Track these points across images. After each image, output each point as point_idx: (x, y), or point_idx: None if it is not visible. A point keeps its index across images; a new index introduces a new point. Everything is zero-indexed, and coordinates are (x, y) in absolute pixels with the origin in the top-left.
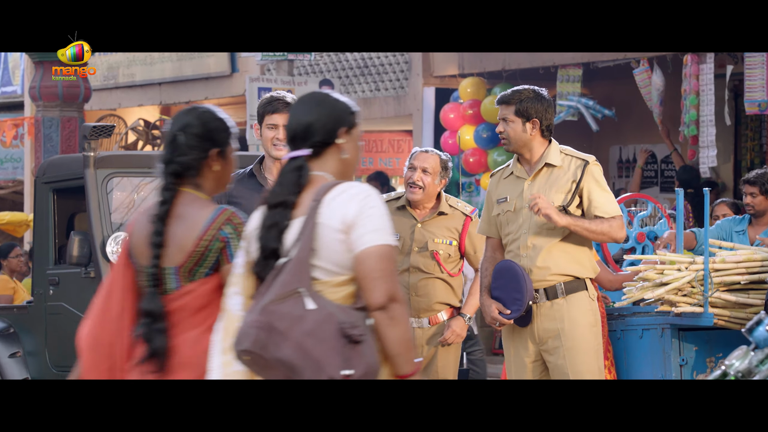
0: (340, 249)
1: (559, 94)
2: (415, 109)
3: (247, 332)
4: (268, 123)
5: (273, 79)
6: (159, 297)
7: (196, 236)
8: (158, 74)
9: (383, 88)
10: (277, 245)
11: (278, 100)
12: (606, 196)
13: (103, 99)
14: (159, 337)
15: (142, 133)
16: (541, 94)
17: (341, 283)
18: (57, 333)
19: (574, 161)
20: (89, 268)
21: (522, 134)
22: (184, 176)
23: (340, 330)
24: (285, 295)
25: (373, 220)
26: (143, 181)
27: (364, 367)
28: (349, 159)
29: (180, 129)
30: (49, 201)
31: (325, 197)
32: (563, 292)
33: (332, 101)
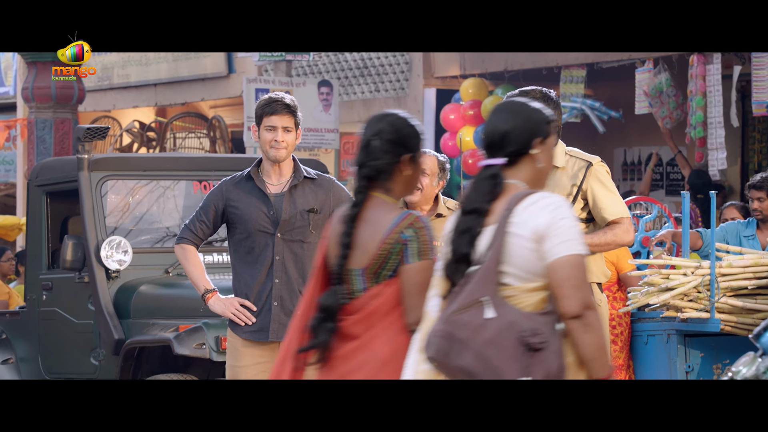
0: (531, 258)
1: (562, 95)
2: (416, 110)
3: (432, 341)
4: (267, 125)
5: (271, 80)
6: (339, 295)
7: (380, 239)
8: (154, 75)
9: (383, 89)
10: (469, 250)
11: (277, 101)
12: (612, 197)
13: (98, 100)
14: (325, 333)
15: (137, 135)
16: (549, 95)
17: (534, 289)
18: (50, 339)
19: (577, 163)
20: (83, 273)
21: None
22: (376, 180)
23: (520, 338)
24: (468, 305)
25: (564, 230)
26: (138, 184)
27: (543, 373)
28: (543, 168)
29: (374, 134)
30: (42, 204)
31: (517, 207)
32: None
33: (529, 111)
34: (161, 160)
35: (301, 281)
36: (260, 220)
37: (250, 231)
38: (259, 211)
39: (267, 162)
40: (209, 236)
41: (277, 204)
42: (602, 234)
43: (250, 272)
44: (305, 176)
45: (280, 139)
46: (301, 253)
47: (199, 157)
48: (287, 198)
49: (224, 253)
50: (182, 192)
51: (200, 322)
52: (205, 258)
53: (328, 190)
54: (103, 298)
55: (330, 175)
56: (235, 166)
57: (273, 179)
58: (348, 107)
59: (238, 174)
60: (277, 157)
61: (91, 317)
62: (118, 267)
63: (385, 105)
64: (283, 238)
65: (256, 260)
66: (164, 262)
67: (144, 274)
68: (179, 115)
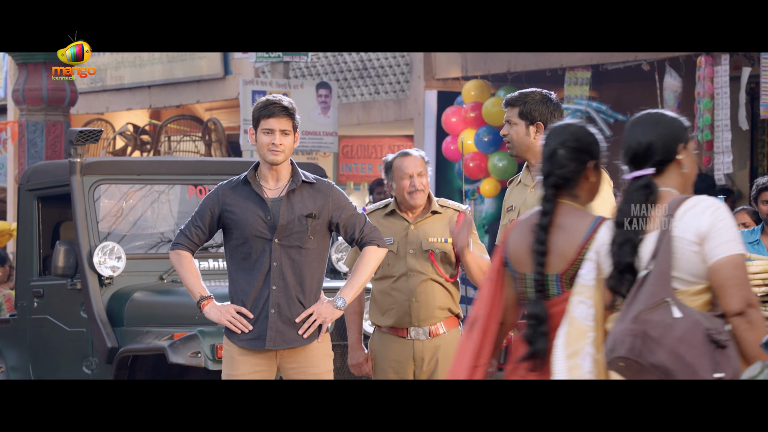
0: (695, 260)
1: (566, 97)
2: (417, 113)
3: (622, 340)
4: (264, 128)
5: (268, 82)
6: (543, 302)
7: (578, 245)
8: (148, 77)
9: (383, 91)
10: (632, 259)
11: (274, 104)
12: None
13: (90, 102)
14: (542, 339)
15: (131, 138)
16: (549, 97)
17: (698, 292)
18: (41, 347)
19: None
20: (75, 280)
21: (525, 138)
22: (563, 188)
23: (708, 336)
24: (654, 305)
25: (725, 231)
26: (132, 188)
27: (732, 370)
28: (688, 173)
29: (559, 144)
30: (33, 209)
31: (677, 211)
32: None
33: (669, 120)
34: (155, 163)
35: (299, 288)
36: (257, 226)
37: (246, 236)
38: (256, 216)
39: (264, 166)
40: (205, 242)
41: (275, 209)
42: None
43: (246, 279)
44: (303, 180)
45: (278, 142)
46: (299, 259)
47: (194, 161)
48: (285, 203)
49: (220, 259)
50: (177, 197)
51: (195, 330)
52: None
53: (327, 195)
54: (95, 305)
55: (329, 180)
56: (232, 170)
57: (270, 183)
58: (347, 109)
59: (235, 178)
60: (274, 161)
61: (83, 325)
62: (111, 273)
63: (385, 107)
64: (281, 243)
65: (252, 266)
66: (158, 268)
67: (138, 280)
68: (174, 117)
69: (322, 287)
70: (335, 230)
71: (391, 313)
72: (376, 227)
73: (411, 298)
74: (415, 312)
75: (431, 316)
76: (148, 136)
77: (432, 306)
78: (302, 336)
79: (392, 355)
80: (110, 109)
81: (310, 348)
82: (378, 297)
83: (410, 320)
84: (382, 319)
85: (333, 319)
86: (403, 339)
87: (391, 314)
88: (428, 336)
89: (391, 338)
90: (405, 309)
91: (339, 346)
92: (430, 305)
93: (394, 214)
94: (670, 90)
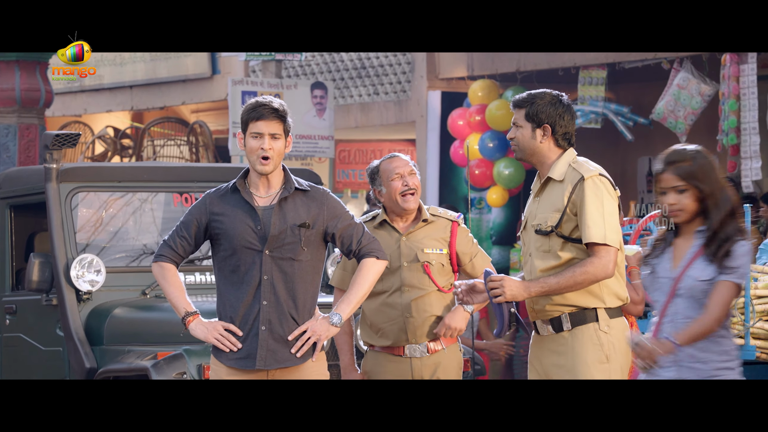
0: None
1: (580, 98)
2: (419, 115)
3: None
4: (253, 132)
5: (259, 82)
6: None
7: None
8: (129, 76)
9: (383, 91)
10: None
11: (264, 105)
12: (595, 218)
13: (67, 104)
14: None
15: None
16: (559, 98)
17: None
18: (14, 367)
19: (572, 175)
20: (51, 295)
21: (530, 141)
22: None
23: None
24: None
25: None
26: (112, 196)
27: None
28: None
29: None
30: (5, 219)
31: None
32: (568, 325)
33: None
34: (138, 170)
35: (292, 303)
36: (246, 236)
37: (235, 247)
38: (246, 226)
39: (254, 173)
40: (190, 254)
41: (266, 218)
42: (569, 272)
43: (235, 293)
44: (296, 188)
45: (267, 146)
46: (292, 272)
47: (179, 167)
48: (276, 211)
49: (207, 272)
50: (161, 205)
51: (181, 349)
52: (186, 278)
53: (322, 204)
54: (73, 322)
55: (324, 187)
56: (220, 177)
57: (261, 191)
58: (344, 111)
59: (223, 185)
60: (263, 172)
61: (59, 344)
62: (89, 288)
63: (385, 109)
64: (272, 255)
65: (242, 280)
66: (141, 282)
67: (118, 296)
68: (158, 120)
69: (316, 302)
70: (331, 241)
71: (385, 331)
72: (375, 238)
73: (406, 314)
74: (412, 328)
75: (429, 332)
76: (129, 140)
77: (429, 321)
78: (295, 355)
79: (389, 375)
80: (89, 110)
81: (304, 368)
82: (369, 315)
83: (406, 337)
84: (376, 338)
85: (329, 337)
86: (400, 358)
87: (385, 332)
88: (426, 353)
89: (387, 357)
90: (400, 326)
91: (335, 366)
92: (428, 320)
93: (385, 226)
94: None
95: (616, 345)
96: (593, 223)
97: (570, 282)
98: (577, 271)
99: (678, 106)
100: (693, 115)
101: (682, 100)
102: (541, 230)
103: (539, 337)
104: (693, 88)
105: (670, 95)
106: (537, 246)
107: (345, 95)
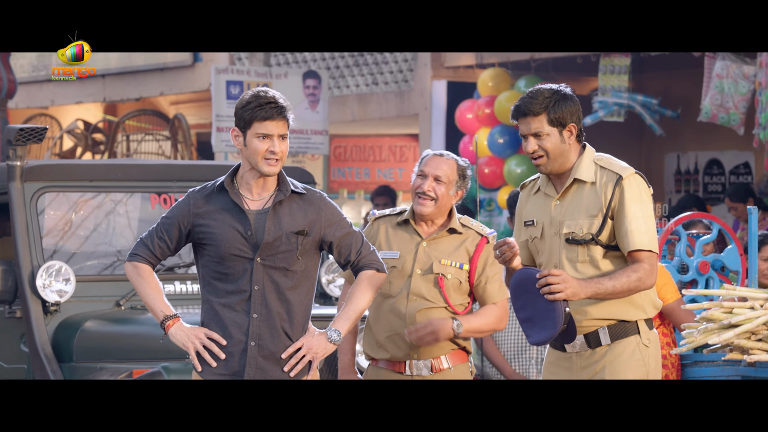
0: None
1: (600, 88)
2: (423, 107)
3: None
4: (259, 132)
5: (245, 71)
6: None
7: None
8: (102, 64)
9: (382, 81)
10: None
11: (271, 103)
12: (638, 222)
13: (32, 95)
14: None
15: (81, 138)
16: (564, 91)
17: None
18: None
19: (606, 175)
20: (14, 306)
21: (561, 146)
22: None
23: None
24: None
25: None
26: (83, 197)
27: None
28: None
29: None
30: None
31: None
32: (607, 339)
33: None
34: (111, 168)
35: (285, 316)
36: (235, 242)
37: (222, 255)
38: (234, 231)
39: (250, 173)
40: (168, 257)
41: (258, 223)
42: (624, 278)
43: (221, 305)
44: (292, 191)
45: (278, 149)
46: (285, 283)
47: (157, 165)
48: (271, 216)
49: (188, 281)
50: (137, 207)
51: (159, 367)
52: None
53: (319, 209)
54: (39, 336)
55: (320, 190)
56: (202, 176)
57: (253, 193)
58: (339, 103)
59: (209, 184)
60: (270, 173)
61: (24, 360)
62: (57, 299)
63: (385, 101)
64: (264, 264)
65: (229, 290)
66: (114, 292)
67: (90, 307)
68: (133, 113)
69: (310, 316)
70: (327, 250)
71: (387, 342)
72: (374, 249)
73: (408, 325)
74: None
75: (433, 348)
76: (101, 135)
77: None
78: (288, 374)
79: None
80: (56, 102)
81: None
82: (373, 324)
83: (408, 351)
84: (378, 350)
85: (326, 355)
86: (401, 375)
87: (386, 344)
88: (430, 371)
89: (388, 374)
90: (402, 337)
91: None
92: None
93: (407, 225)
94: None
95: (655, 360)
96: (637, 229)
97: (624, 288)
98: (632, 277)
99: (725, 98)
100: (744, 102)
101: (727, 89)
102: (575, 238)
103: (564, 356)
104: (735, 72)
105: (714, 89)
106: (569, 256)
107: (340, 85)
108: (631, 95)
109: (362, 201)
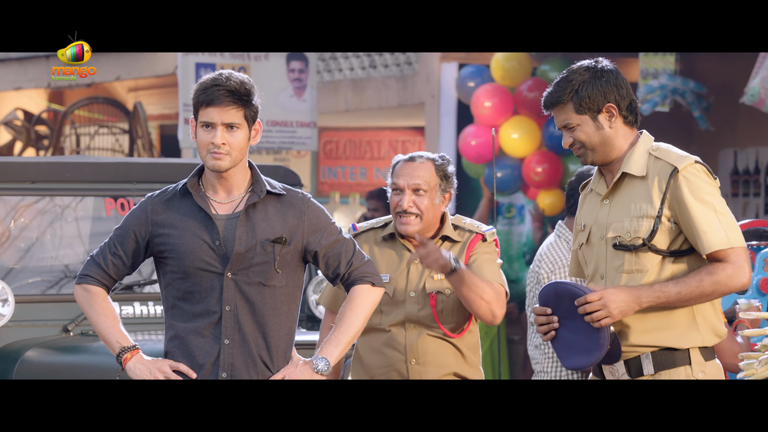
0: None
1: (642, 72)
2: (429, 95)
3: None
4: (203, 120)
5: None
6: None
7: None
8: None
9: (381, 64)
10: None
11: (217, 85)
12: (708, 220)
13: None
14: None
15: (22, 130)
16: (596, 67)
17: None
18: None
19: (660, 167)
20: None
21: (598, 133)
22: None
23: None
24: None
25: None
26: (23, 201)
27: None
28: None
29: None
30: None
31: None
32: (650, 369)
33: None
34: (58, 166)
35: (262, 343)
36: (201, 254)
37: (187, 269)
38: (200, 241)
39: (211, 172)
40: (125, 275)
41: (228, 231)
42: (695, 281)
43: (187, 329)
44: (268, 191)
45: (219, 141)
46: (261, 301)
47: (113, 163)
48: (243, 222)
49: (151, 302)
50: (89, 213)
51: None
52: (122, 309)
53: (301, 212)
54: None
55: (303, 191)
56: (166, 176)
57: (220, 195)
58: (331, 90)
59: (170, 187)
60: (215, 168)
61: None
62: None
63: (384, 87)
64: (236, 279)
65: (196, 312)
66: (62, 315)
67: (32, 333)
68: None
69: (293, 342)
70: (312, 261)
71: (383, 378)
72: (369, 259)
73: (410, 359)
74: (415, 377)
75: None
76: (46, 128)
77: (436, 369)
78: None
79: None
80: None
81: None
82: (365, 356)
83: None
84: None
85: None
86: None
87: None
88: None
89: None
90: (401, 373)
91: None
92: (439, 369)
93: (393, 241)
94: None
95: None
96: (709, 227)
97: (696, 293)
98: (705, 280)
99: None
100: None
101: None
102: (623, 244)
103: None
104: None
105: (766, 69)
106: (616, 265)
107: (332, 69)
108: (684, 80)
109: (357, 206)
